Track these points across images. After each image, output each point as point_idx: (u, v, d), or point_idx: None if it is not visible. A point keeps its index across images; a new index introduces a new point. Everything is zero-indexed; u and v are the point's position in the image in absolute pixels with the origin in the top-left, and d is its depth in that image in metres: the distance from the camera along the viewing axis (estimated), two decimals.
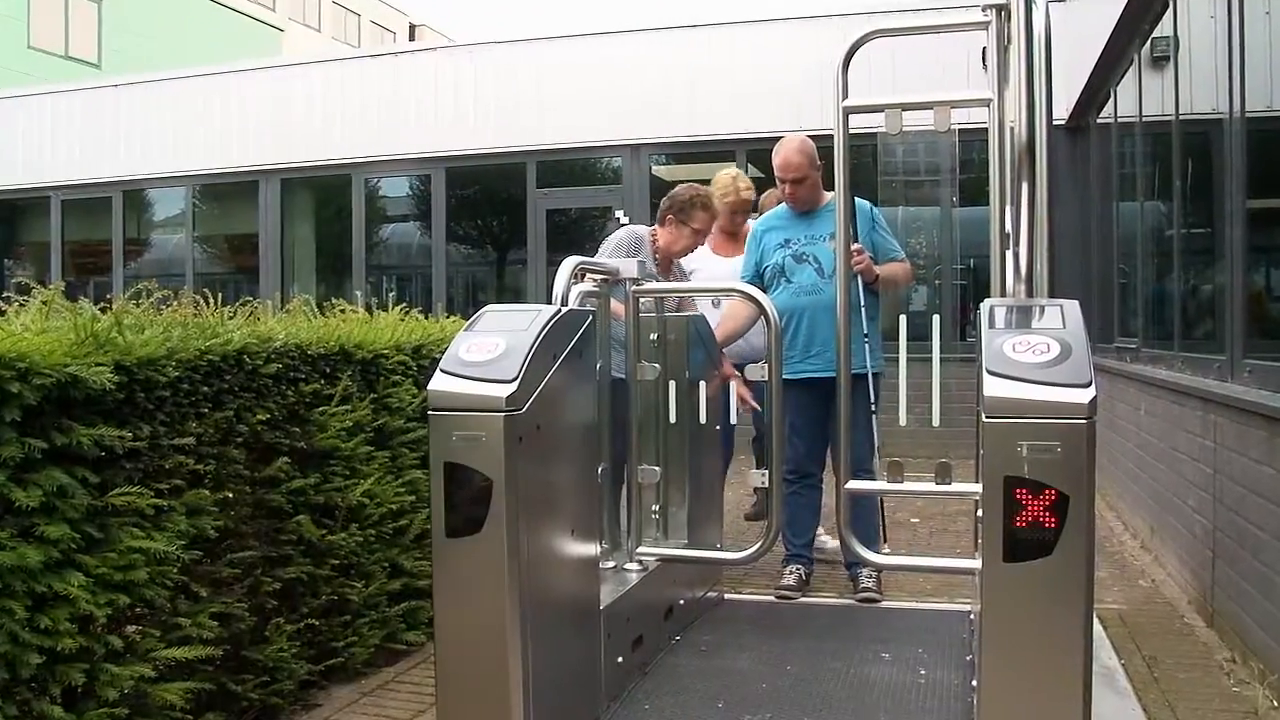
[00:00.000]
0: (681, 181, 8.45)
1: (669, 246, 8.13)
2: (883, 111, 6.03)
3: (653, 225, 8.31)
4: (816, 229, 7.99)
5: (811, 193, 8.03)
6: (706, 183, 8.71)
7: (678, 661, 6.46)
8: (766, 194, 10.79)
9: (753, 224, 8.65)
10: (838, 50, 6.02)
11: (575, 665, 5.29)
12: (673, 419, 6.99)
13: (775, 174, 8.01)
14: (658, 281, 7.16)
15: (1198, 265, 9.32)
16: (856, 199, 7.88)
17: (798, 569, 8.05)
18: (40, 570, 4.31)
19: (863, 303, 7.70)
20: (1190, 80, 9.06)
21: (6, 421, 4.25)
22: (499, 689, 4.64)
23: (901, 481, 5.74)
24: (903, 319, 5.67)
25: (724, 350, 8.00)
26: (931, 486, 5.65)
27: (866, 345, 7.71)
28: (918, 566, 8.03)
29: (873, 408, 7.73)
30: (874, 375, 7.79)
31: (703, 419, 7.13)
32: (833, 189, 7.27)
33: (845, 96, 6.01)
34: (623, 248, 7.82)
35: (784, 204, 8.21)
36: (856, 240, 7.60)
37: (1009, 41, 5.76)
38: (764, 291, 8.01)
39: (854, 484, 5.76)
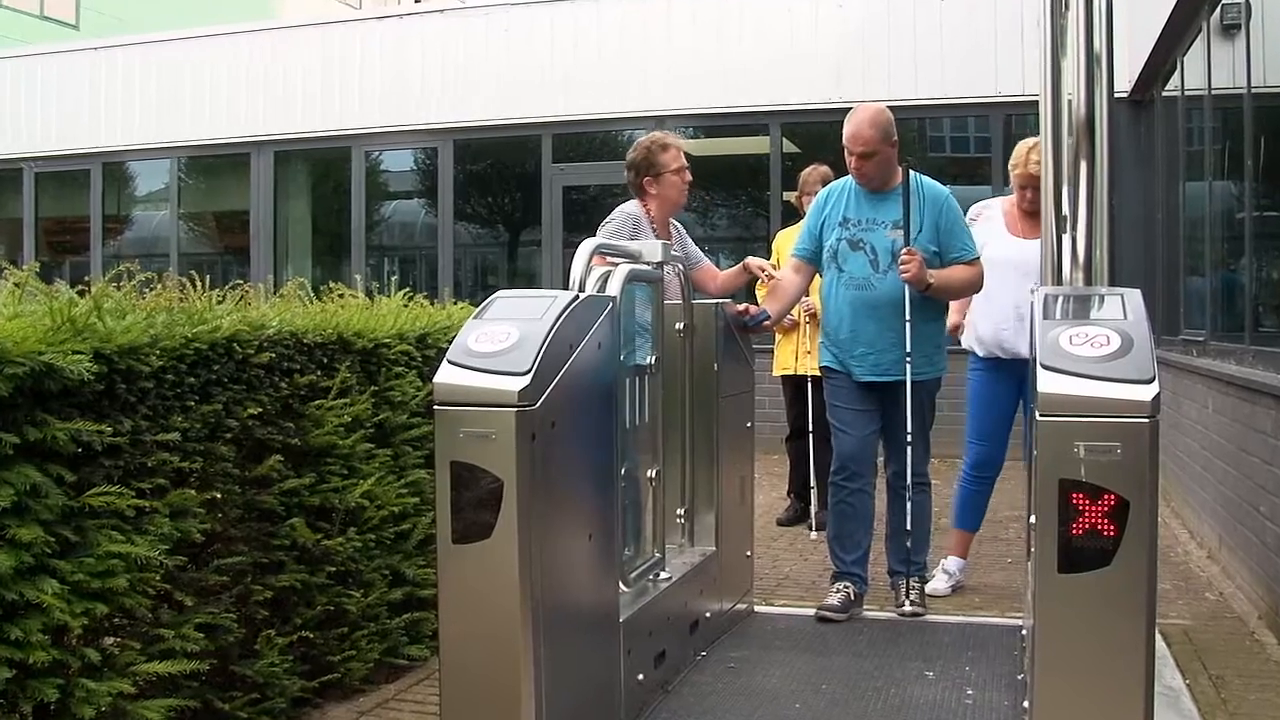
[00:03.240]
0: (711, 156, 8.41)
1: (662, 208, 8.00)
2: None
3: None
4: (881, 212, 7.72)
5: (881, 170, 7.71)
6: (740, 158, 8.63)
7: (704, 680, 6.46)
8: (808, 170, 10.76)
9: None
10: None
11: (592, 683, 5.30)
12: (697, 415, 6.99)
13: (844, 145, 7.73)
14: (683, 265, 7.14)
15: (1271, 251, 9.30)
16: (930, 182, 7.80)
17: (845, 588, 7.75)
18: (10, 576, 4.32)
19: (906, 305, 7.52)
20: (1263, 51, 9.04)
21: None
22: (509, 708, 4.65)
23: None
24: None
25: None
26: None
27: (907, 329, 7.53)
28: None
29: (908, 431, 7.62)
30: (914, 384, 7.61)
31: (730, 416, 7.14)
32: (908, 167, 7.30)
33: None
34: (621, 234, 7.74)
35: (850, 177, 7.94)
36: (909, 230, 7.54)
37: (1067, 7, 5.75)
38: (818, 272, 7.99)
39: None
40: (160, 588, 4.97)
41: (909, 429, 7.59)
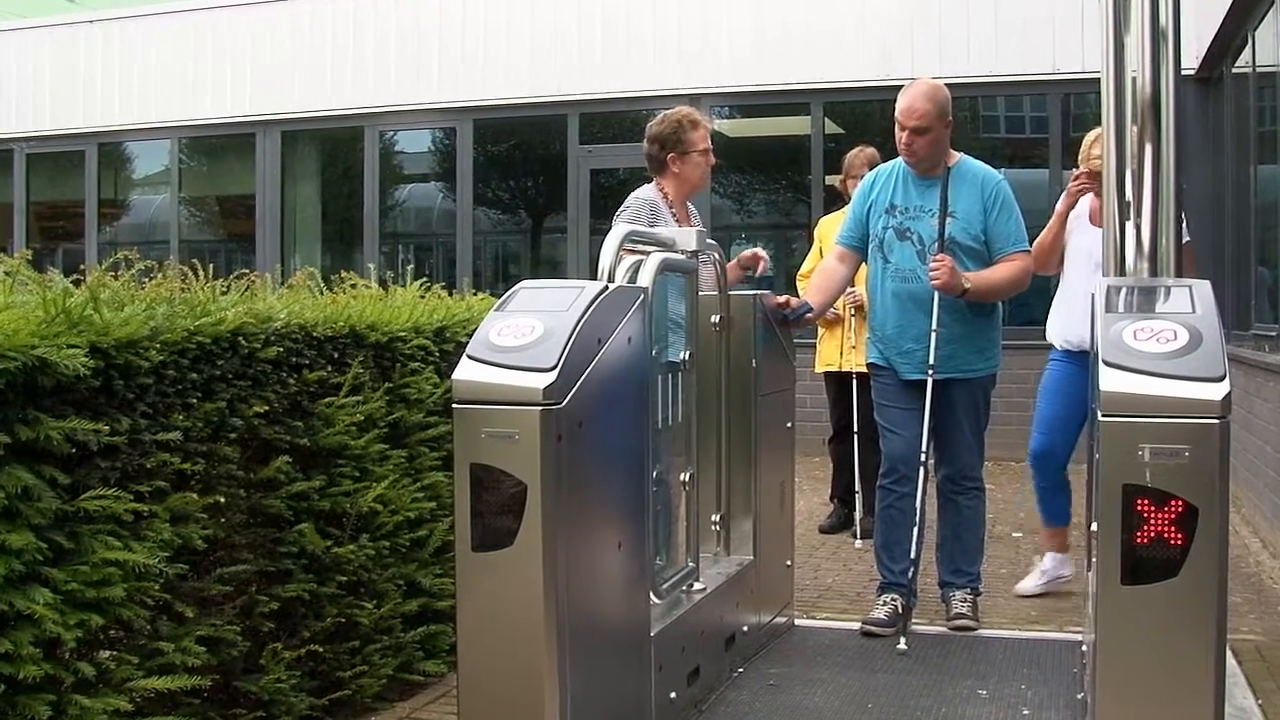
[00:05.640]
0: (748, 138, 8.38)
1: (680, 188, 7.96)
2: None
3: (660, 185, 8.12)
4: (930, 199, 7.67)
5: (933, 150, 7.64)
6: (779, 139, 8.59)
7: (740, 698, 6.46)
8: (854, 152, 10.72)
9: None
10: None
11: (621, 701, 5.29)
12: (734, 415, 6.98)
13: (895, 119, 7.66)
14: (718, 254, 7.11)
15: None
16: (980, 166, 7.80)
17: (893, 600, 7.72)
18: (0, 585, 4.33)
19: (936, 301, 7.47)
20: None
21: None
22: None
23: None
24: None
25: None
26: None
27: (933, 338, 7.46)
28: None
29: (923, 434, 7.61)
30: (968, 381, 7.65)
31: (769, 415, 7.13)
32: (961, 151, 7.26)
33: None
34: (640, 220, 7.68)
35: (899, 160, 7.88)
36: (943, 230, 7.54)
37: None
38: (864, 261, 7.98)
39: None
40: (159, 598, 4.97)
41: (924, 432, 7.56)
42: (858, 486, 10.45)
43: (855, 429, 10.42)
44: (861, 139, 11.87)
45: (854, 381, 10.31)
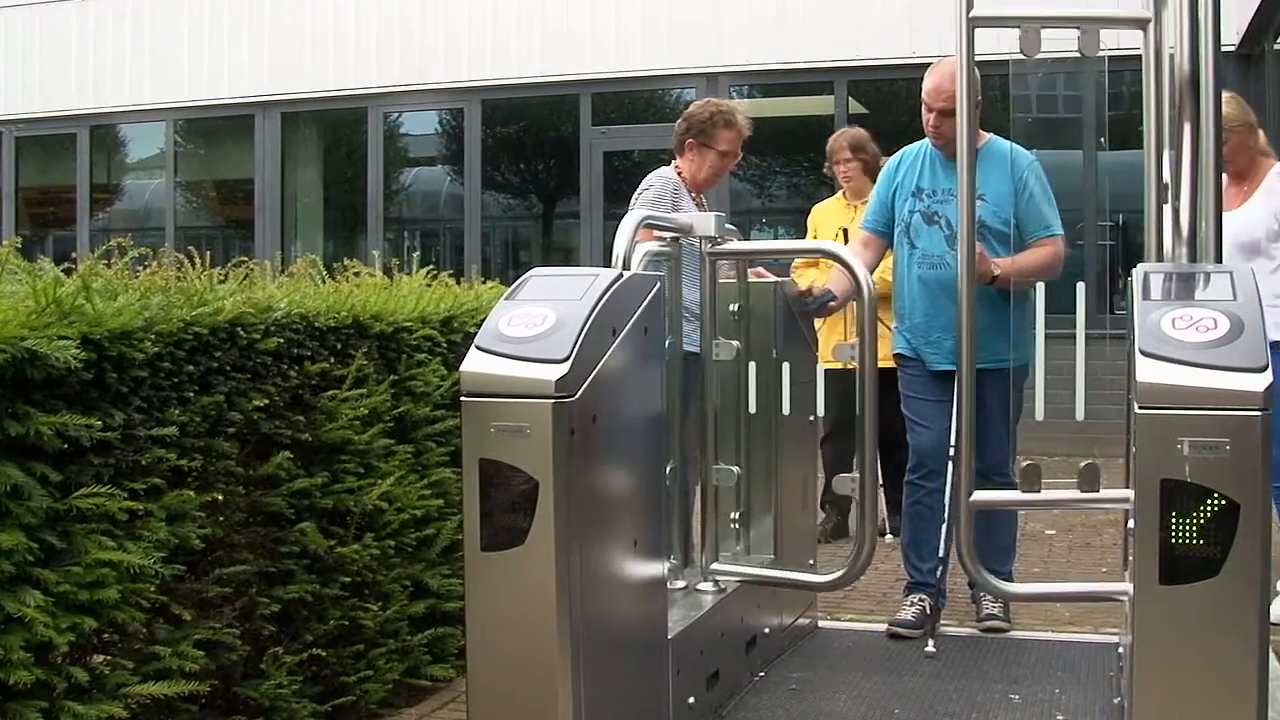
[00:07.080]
0: (769, 118, 8.37)
1: (693, 177, 8.03)
2: (1017, 28, 5.94)
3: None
4: (958, 181, 7.48)
5: None
6: (800, 120, 8.58)
7: (761, 702, 6.46)
8: (836, 135, 10.67)
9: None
10: None
11: (637, 706, 5.29)
12: (755, 408, 6.97)
13: (922, 100, 7.67)
14: (737, 239, 7.10)
15: None
16: (1013, 147, 7.74)
17: (921, 600, 7.67)
18: None
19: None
20: None
21: None
22: None
23: (1038, 490, 5.67)
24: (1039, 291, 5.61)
25: None
26: (1074, 494, 5.59)
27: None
28: (1055, 595, 7.94)
29: (950, 428, 7.50)
30: (1000, 372, 7.52)
31: (791, 409, 7.12)
32: (989, 131, 7.22)
33: (971, 7, 5.92)
34: (664, 201, 7.72)
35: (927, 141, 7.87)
36: (979, 200, 7.48)
37: None
38: (890, 247, 7.95)
39: (980, 495, 5.64)
40: (155, 600, 4.97)
41: (953, 425, 7.50)
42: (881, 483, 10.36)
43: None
44: (886, 119, 11.86)
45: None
